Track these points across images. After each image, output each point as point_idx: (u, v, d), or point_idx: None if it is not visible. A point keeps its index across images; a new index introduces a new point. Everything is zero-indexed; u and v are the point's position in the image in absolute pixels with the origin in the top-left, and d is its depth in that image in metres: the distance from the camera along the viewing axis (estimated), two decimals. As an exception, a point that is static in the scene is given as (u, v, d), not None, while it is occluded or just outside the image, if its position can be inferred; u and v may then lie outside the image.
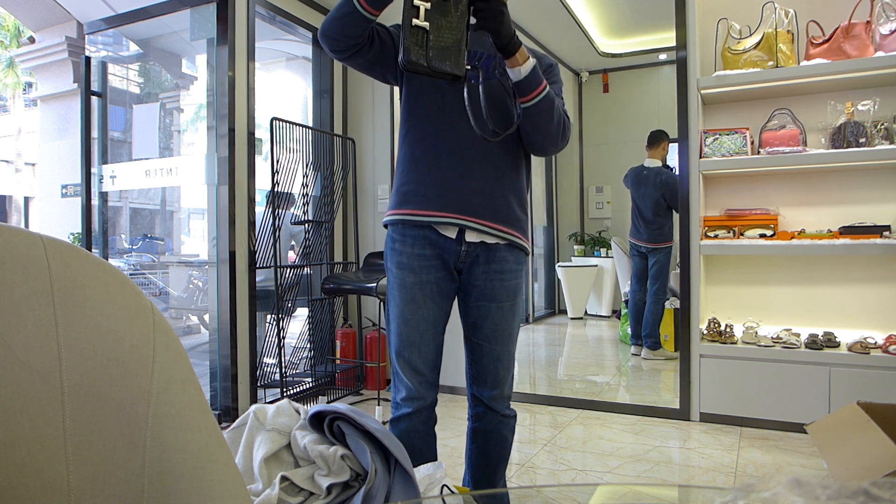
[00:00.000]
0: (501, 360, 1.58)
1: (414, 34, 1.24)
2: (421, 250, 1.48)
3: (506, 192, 1.48)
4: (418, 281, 1.49)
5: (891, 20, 2.57)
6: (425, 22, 1.25)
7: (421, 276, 1.49)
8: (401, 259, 1.50)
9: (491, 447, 1.67)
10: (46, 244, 0.44)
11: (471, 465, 1.70)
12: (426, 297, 1.50)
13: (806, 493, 0.36)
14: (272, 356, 3.15)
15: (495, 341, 1.56)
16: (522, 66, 1.38)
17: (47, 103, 6.58)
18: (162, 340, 0.48)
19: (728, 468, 2.31)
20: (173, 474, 0.47)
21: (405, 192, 1.49)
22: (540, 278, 6.00)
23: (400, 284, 1.51)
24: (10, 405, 0.40)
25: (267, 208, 3.13)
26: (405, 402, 1.56)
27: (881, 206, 2.81)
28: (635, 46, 5.37)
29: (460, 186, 1.44)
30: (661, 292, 4.18)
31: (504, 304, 1.53)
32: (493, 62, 1.48)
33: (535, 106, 1.41)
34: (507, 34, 1.35)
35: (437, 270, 1.50)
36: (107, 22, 3.38)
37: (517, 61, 1.38)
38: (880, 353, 2.57)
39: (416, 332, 1.52)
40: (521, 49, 1.38)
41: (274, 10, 3.29)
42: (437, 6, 1.26)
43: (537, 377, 4.06)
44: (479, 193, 1.45)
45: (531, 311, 5.67)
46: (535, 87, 1.40)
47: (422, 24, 1.24)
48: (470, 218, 1.44)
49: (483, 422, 1.65)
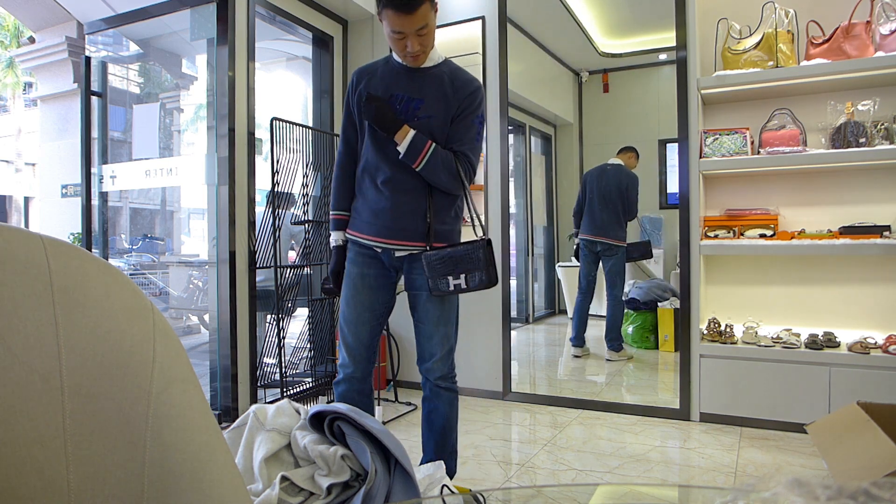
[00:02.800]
0: (433, 338, 1.92)
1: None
2: (364, 250, 1.92)
3: (424, 213, 1.86)
4: (360, 273, 1.92)
5: (891, 20, 2.57)
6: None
7: (362, 270, 1.92)
8: (351, 255, 1.95)
9: (433, 417, 1.97)
10: (46, 244, 0.44)
11: (422, 438, 2.02)
12: (364, 286, 1.92)
13: (806, 493, 0.36)
14: (272, 356, 3.15)
15: (427, 322, 1.92)
16: (400, 145, 1.80)
17: (47, 103, 6.58)
18: (162, 340, 0.48)
19: (728, 468, 2.31)
20: (173, 474, 0.47)
21: (353, 216, 1.97)
22: (540, 278, 6.00)
23: (346, 274, 1.95)
24: (10, 405, 0.40)
25: (267, 208, 3.13)
26: (341, 367, 1.98)
27: (881, 206, 2.81)
28: (635, 46, 5.36)
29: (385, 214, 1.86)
30: (619, 294, 4.20)
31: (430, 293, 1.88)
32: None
33: (423, 168, 1.81)
34: (380, 125, 1.80)
35: (375, 267, 1.92)
36: (107, 22, 3.38)
37: (397, 140, 1.80)
38: (880, 353, 2.57)
39: (354, 313, 1.92)
40: (399, 132, 1.79)
41: (274, 10, 3.29)
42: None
43: (537, 377, 4.06)
44: (400, 219, 1.85)
45: (531, 311, 5.67)
46: (417, 156, 1.80)
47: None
48: (391, 241, 1.87)
49: (425, 394, 1.99)
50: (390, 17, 1.71)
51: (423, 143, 1.79)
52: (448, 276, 1.81)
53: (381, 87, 1.85)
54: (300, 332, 3.50)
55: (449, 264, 1.81)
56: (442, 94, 1.84)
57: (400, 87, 1.84)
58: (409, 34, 1.74)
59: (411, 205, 1.85)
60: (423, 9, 1.70)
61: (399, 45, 1.77)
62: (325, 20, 3.67)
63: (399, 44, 1.77)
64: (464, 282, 1.81)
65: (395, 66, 1.88)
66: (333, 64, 3.74)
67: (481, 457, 2.49)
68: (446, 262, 1.81)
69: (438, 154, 1.80)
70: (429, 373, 1.95)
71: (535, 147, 5.88)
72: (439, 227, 1.88)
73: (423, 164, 1.79)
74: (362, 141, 1.92)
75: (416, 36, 1.74)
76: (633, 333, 4.45)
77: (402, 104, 1.82)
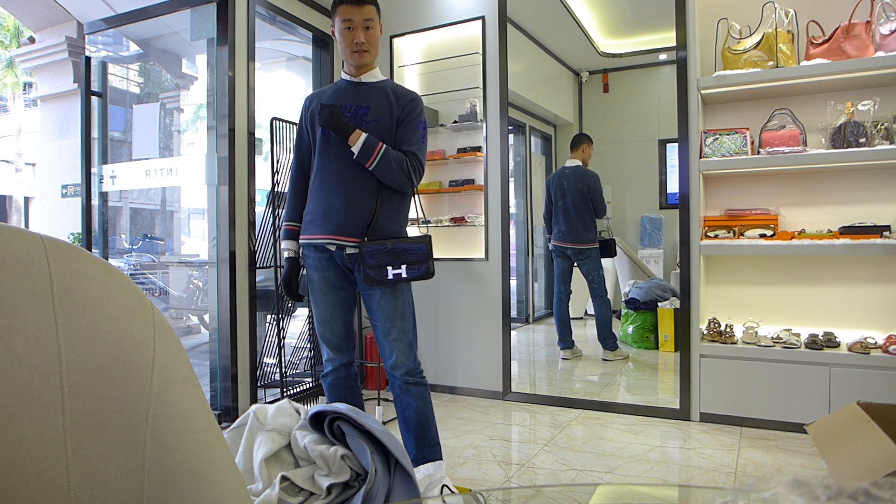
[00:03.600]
0: (390, 334, 2.01)
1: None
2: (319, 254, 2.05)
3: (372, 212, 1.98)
4: (321, 277, 2.06)
5: (891, 20, 2.57)
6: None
7: (322, 273, 2.06)
8: (308, 262, 2.08)
9: (407, 414, 2.02)
10: (46, 244, 0.44)
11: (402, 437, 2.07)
12: (328, 287, 2.06)
13: (806, 493, 0.36)
14: (272, 356, 3.15)
15: (382, 319, 2.01)
16: (354, 146, 1.94)
17: (47, 103, 6.58)
18: (162, 340, 0.48)
19: (728, 468, 2.31)
20: (173, 474, 0.47)
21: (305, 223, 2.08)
22: (540, 278, 5.99)
23: (310, 280, 2.09)
24: (11, 405, 0.40)
25: (267, 208, 3.13)
26: (326, 362, 2.12)
27: (881, 206, 2.81)
28: (635, 46, 5.36)
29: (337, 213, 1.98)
30: (603, 293, 4.19)
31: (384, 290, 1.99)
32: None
33: (376, 168, 1.95)
34: (334, 128, 1.94)
35: (333, 269, 2.05)
36: (107, 22, 3.38)
37: (351, 142, 1.95)
38: (880, 353, 2.57)
39: (326, 312, 2.08)
40: (352, 134, 1.94)
41: (274, 10, 3.29)
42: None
43: (537, 377, 4.06)
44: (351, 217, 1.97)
45: (531, 312, 5.67)
46: (370, 155, 1.94)
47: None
48: (342, 238, 1.98)
49: (395, 392, 2.04)
50: (343, 10, 1.98)
51: (374, 143, 1.95)
52: (388, 266, 1.94)
53: (332, 101, 2.06)
54: (300, 332, 3.50)
55: (390, 256, 1.95)
56: (386, 101, 2.04)
57: (348, 98, 2.05)
58: (357, 25, 1.99)
59: (362, 204, 1.98)
60: (370, 7, 2.00)
61: (348, 36, 2.00)
62: (325, 20, 3.67)
63: (348, 35, 2.00)
64: (404, 271, 1.95)
65: (342, 84, 2.11)
66: (333, 64, 3.74)
67: (481, 457, 2.49)
68: (387, 254, 1.94)
69: (389, 153, 1.96)
70: (394, 370, 2.02)
71: (535, 147, 5.88)
72: (384, 224, 2.01)
73: (377, 163, 1.94)
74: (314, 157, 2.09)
75: (363, 29, 1.99)
76: (633, 333, 4.45)
77: (350, 112, 2.01)
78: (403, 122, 2.03)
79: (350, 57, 2.03)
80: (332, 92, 2.10)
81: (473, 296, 3.48)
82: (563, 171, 4.30)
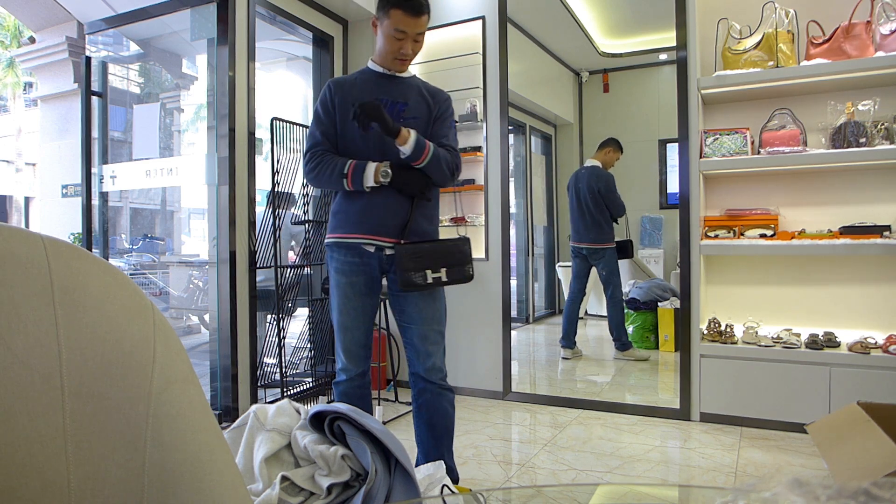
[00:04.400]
0: (428, 337, 1.96)
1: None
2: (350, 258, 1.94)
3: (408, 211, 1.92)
4: (349, 282, 1.95)
5: (891, 20, 2.57)
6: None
7: (350, 279, 1.95)
8: (337, 265, 1.97)
9: (436, 419, 1.97)
10: (46, 244, 0.44)
11: (420, 441, 2.01)
12: (354, 293, 1.95)
13: (806, 493, 0.36)
14: (272, 356, 3.15)
15: (420, 322, 1.95)
16: (405, 146, 1.85)
17: (47, 103, 6.58)
18: (162, 340, 0.48)
19: (728, 468, 2.31)
20: (173, 474, 0.47)
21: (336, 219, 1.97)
22: (540, 278, 5.99)
23: (335, 284, 1.97)
24: (11, 405, 0.40)
25: (267, 208, 3.13)
26: (340, 371, 2.02)
27: (881, 206, 2.81)
28: (635, 46, 5.36)
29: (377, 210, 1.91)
30: (617, 295, 4.18)
31: (422, 292, 1.93)
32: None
33: (427, 164, 1.89)
34: (384, 129, 1.82)
35: (362, 274, 1.95)
36: (107, 22, 3.38)
37: (401, 142, 1.85)
38: (880, 353, 2.57)
39: (349, 319, 1.96)
40: (401, 133, 1.83)
41: (274, 10, 3.29)
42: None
43: (537, 377, 4.06)
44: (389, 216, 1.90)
45: (531, 311, 5.67)
46: (422, 153, 1.87)
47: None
48: (382, 238, 1.90)
49: (425, 397, 1.97)
50: (398, 16, 1.87)
51: (424, 142, 1.89)
52: (427, 269, 1.86)
53: (364, 94, 1.94)
54: (300, 332, 3.50)
55: (429, 258, 1.88)
56: (422, 99, 2.00)
57: (383, 92, 1.96)
58: (409, 37, 1.90)
59: (400, 203, 1.92)
60: (426, 18, 1.91)
61: (395, 45, 1.91)
62: (325, 20, 3.67)
63: (396, 44, 1.91)
64: (444, 275, 1.88)
65: (371, 75, 2.01)
66: (333, 64, 3.74)
67: (481, 457, 2.49)
68: (426, 256, 1.88)
69: (438, 151, 1.92)
70: (430, 374, 1.95)
71: (535, 147, 5.88)
72: (421, 224, 1.96)
73: (427, 160, 1.89)
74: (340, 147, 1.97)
75: (413, 41, 1.92)
76: (634, 333, 4.45)
77: (387, 107, 1.93)
78: (439, 119, 2.00)
79: (391, 63, 1.96)
80: (364, 83, 1.98)
81: (474, 296, 3.48)
82: (580, 171, 4.32)
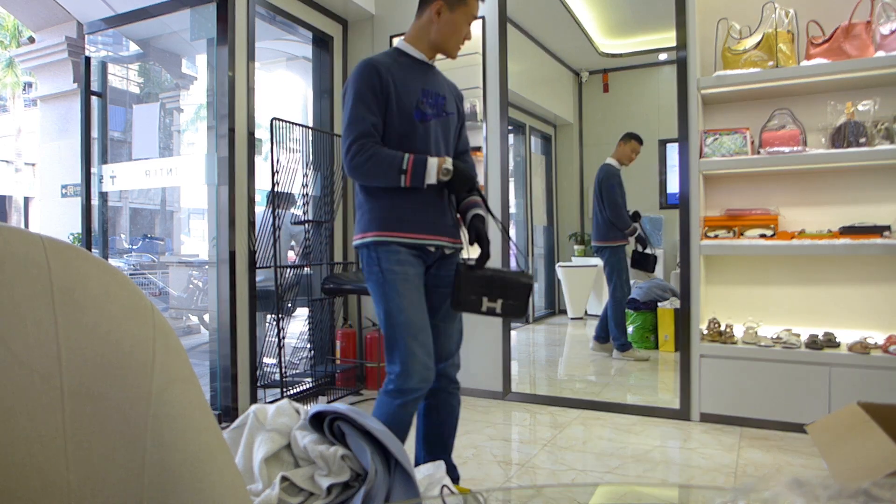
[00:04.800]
0: (453, 338, 1.94)
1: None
2: (409, 249, 1.80)
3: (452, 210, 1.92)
4: (417, 273, 1.80)
5: (891, 20, 2.57)
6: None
7: (418, 270, 1.81)
8: (399, 257, 1.77)
9: (448, 419, 1.95)
10: (46, 244, 0.44)
11: (426, 439, 1.96)
12: (420, 289, 1.81)
13: (806, 493, 0.36)
14: (272, 356, 3.15)
15: (450, 321, 1.92)
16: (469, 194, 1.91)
17: (47, 103, 6.59)
18: (162, 340, 0.48)
19: (728, 468, 2.31)
20: (173, 474, 0.47)
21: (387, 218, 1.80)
22: (540, 278, 5.99)
23: (403, 276, 1.75)
24: (10, 405, 0.40)
25: (267, 208, 3.13)
26: (415, 388, 1.73)
27: (881, 206, 2.81)
28: (635, 46, 5.36)
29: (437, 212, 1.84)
30: (617, 294, 4.19)
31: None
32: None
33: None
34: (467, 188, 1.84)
35: (420, 266, 1.83)
36: (107, 22, 3.38)
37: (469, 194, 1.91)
38: (880, 353, 2.57)
39: (421, 318, 1.77)
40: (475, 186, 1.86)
41: (274, 10, 3.29)
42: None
43: (537, 377, 4.06)
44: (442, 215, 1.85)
45: (531, 312, 5.67)
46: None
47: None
48: (444, 238, 1.84)
49: (437, 397, 1.93)
50: (475, 3, 1.84)
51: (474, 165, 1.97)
52: (484, 296, 1.78)
53: (409, 81, 1.81)
54: (300, 332, 3.50)
55: (489, 286, 1.79)
56: (452, 95, 1.96)
57: (427, 82, 1.86)
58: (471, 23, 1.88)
59: (443, 200, 1.87)
60: None
61: (460, 34, 1.85)
62: (325, 20, 3.67)
63: (464, 30, 1.85)
64: (500, 307, 1.79)
65: (408, 61, 1.86)
66: (333, 64, 3.74)
67: (481, 457, 2.49)
68: (487, 284, 1.79)
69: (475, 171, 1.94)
70: (450, 369, 1.94)
71: (535, 147, 5.88)
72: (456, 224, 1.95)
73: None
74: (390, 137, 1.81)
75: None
76: (634, 333, 4.45)
77: (431, 99, 1.84)
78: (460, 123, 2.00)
79: (452, 50, 1.86)
80: (405, 68, 1.83)
81: (473, 296, 3.47)
82: (599, 168, 4.34)
